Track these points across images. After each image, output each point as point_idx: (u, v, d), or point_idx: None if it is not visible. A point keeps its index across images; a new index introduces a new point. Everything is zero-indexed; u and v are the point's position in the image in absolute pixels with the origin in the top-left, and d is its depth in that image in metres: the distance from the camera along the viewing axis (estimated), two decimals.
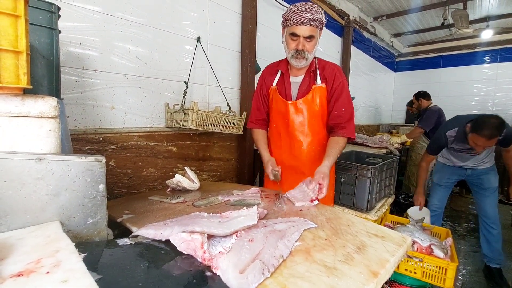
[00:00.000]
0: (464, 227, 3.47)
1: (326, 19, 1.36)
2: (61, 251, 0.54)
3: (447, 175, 2.55)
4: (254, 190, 1.35)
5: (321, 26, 1.34)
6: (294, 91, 1.49)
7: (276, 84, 1.53)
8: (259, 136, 1.60)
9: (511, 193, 2.32)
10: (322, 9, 1.33)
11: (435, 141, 2.41)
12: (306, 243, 0.80)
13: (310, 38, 1.33)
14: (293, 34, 1.33)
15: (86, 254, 0.59)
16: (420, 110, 3.85)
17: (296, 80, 1.50)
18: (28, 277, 0.46)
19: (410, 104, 4.20)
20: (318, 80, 1.44)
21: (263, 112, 1.62)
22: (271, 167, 1.41)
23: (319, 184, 1.19)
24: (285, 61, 1.51)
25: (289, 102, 1.47)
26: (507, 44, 5.23)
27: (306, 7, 1.28)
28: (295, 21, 1.28)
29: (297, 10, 1.28)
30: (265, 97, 1.59)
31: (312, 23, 1.28)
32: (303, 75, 1.48)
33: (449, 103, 5.82)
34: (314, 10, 1.28)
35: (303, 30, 1.30)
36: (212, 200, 1.22)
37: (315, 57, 1.48)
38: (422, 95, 3.80)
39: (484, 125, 1.93)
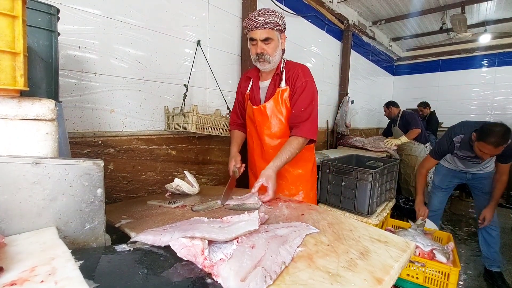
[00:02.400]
0: (464, 231, 3.46)
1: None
2: (57, 259, 0.52)
3: (448, 178, 2.53)
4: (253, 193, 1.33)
5: (278, 28, 1.37)
6: (263, 95, 1.53)
7: (249, 91, 1.59)
8: (233, 135, 1.71)
9: (483, 215, 2.24)
10: (278, 12, 1.38)
11: (441, 146, 2.32)
12: (308, 248, 0.79)
13: (267, 40, 1.36)
14: (252, 39, 1.39)
15: (82, 261, 0.57)
16: (392, 117, 4.16)
17: (264, 84, 1.54)
18: (21, 286, 0.44)
19: (422, 105, 5.03)
20: (283, 83, 1.46)
21: (240, 117, 1.72)
22: (233, 163, 1.51)
23: (265, 186, 1.22)
24: (256, 68, 1.55)
25: (254, 106, 1.52)
26: (505, 49, 5.26)
27: (259, 12, 1.34)
28: (250, 27, 1.35)
29: (252, 16, 1.35)
30: (241, 103, 1.69)
31: (266, 26, 1.33)
32: (270, 79, 1.51)
33: (448, 107, 5.85)
34: (267, 14, 1.34)
35: (258, 34, 1.35)
36: (211, 205, 1.20)
37: (284, 60, 1.51)
38: (392, 104, 4.13)
39: (491, 132, 1.88)
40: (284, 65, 1.49)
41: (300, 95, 1.40)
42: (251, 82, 1.58)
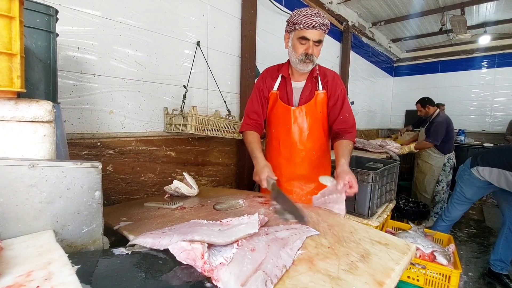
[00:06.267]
0: (465, 232, 3.45)
1: None
2: (54, 263, 0.52)
3: (482, 191, 2.39)
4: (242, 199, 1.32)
5: (327, 31, 1.35)
6: (296, 96, 1.47)
7: (277, 89, 1.49)
8: (254, 138, 1.45)
9: None
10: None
11: None
12: (308, 251, 0.78)
13: (318, 42, 1.33)
14: (303, 38, 1.31)
15: (79, 266, 0.56)
16: (427, 117, 3.69)
17: (297, 85, 1.48)
18: None
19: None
20: (320, 87, 1.45)
21: (261, 115, 1.52)
22: (267, 173, 1.24)
23: (348, 182, 1.16)
24: (286, 66, 1.49)
25: (292, 108, 1.45)
26: (504, 50, 5.27)
27: (315, 12, 1.29)
28: (306, 25, 1.27)
29: (307, 14, 1.27)
30: (265, 100, 1.52)
31: (322, 27, 1.29)
32: (305, 81, 1.47)
33: (447, 108, 5.83)
34: (322, 15, 1.30)
35: (313, 34, 1.29)
36: (233, 204, 1.20)
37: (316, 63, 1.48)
38: (428, 102, 3.61)
39: None
40: (317, 68, 1.47)
41: (344, 101, 1.45)
42: (280, 80, 1.50)
